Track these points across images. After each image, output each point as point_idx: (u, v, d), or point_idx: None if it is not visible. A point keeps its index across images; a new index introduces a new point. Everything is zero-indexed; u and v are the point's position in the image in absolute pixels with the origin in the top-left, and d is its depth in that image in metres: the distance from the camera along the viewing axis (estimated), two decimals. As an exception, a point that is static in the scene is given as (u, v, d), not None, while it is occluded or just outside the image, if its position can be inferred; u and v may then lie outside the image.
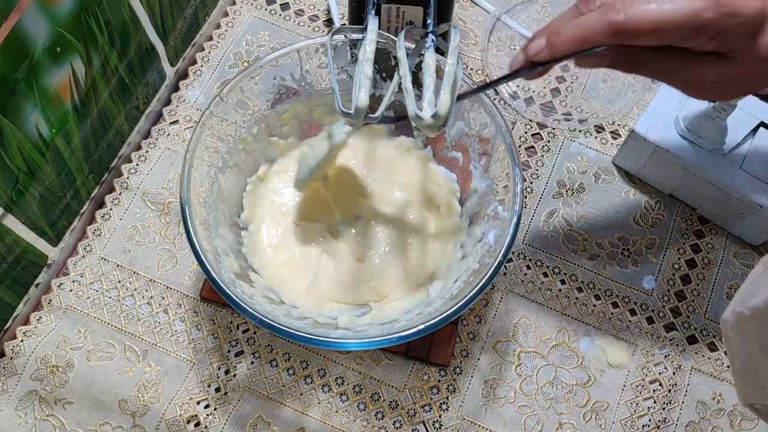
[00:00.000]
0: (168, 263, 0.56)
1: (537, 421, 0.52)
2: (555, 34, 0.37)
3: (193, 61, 0.65)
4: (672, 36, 0.35)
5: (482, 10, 0.67)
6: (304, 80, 0.52)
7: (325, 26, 0.67)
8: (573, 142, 0.62)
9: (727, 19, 0.34)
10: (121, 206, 0.58)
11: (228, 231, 0.50)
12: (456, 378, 0.53)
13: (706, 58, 0.36)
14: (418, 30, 0.46)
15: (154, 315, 0.54)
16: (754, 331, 0.32)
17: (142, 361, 0.53)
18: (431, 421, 0.52)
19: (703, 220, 0.58)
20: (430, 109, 0.40)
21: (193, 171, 0.46)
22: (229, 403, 0.52)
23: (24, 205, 0.49)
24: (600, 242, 0.58)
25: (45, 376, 0.52)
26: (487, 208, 0.50)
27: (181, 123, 0.62)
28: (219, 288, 0.43)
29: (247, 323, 0.54)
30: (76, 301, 0.55)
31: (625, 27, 0.34)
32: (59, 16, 0.45)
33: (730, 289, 0.56)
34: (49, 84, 0.46)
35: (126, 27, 0.53)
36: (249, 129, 0.52)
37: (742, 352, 0.33)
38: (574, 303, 0.56)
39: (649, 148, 0.56)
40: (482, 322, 0.55)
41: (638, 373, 0.53)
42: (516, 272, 0.56)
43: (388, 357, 0.53)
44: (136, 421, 0.51)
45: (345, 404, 0.52)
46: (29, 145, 0.47)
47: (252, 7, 0.67)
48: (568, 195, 0.59)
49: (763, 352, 0.31)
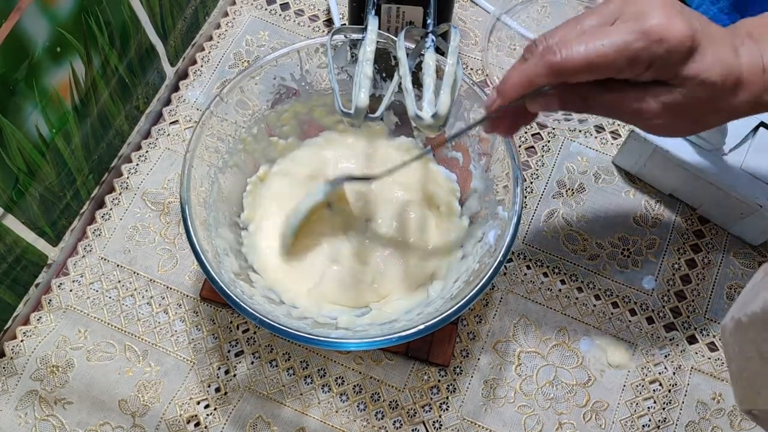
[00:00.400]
0: (168, 263, 0.56)
1: (537, 421, 0.52)
2: (503, 82, 0.39)
3: (193, 61, 0.65)
4: (608, 69, 0.36)
5: (482, 10, 0.67)
6: (304, 80, 0.52)
7: (325, 26, 0.67)
8: (573, 142, 0.62)
9: (656, 47, 0.35)
10: (121, 206, 0.58)
11: (228, 231, 0.50)
12: (456, 378, 0.53)
13: (650, 88, 0.37)
14: (418, 30, 0.46)
15: (154, 315, 0.54)
16: (751, 337, 0.32)
17: (142, 361, 0.53)
18: (431, 421, 0.52)
19: (703, 220, 0.59)
20: (430, 109, 0.41)
21: (193, 171, 0.46)
22: (229, 403, 0.52)
23: (24, 205, 0.49)
24: (600, 242, 0.58)
25: (45, 376, 0.52)
26: (487, 208, 0.50)
27: (181, 123, 0.62)
28: (219, 288, 0.43)
29: (247, 323, 0.54)
30: (76, 301, 0.55)
31: (562, 65, 0.36)
32: (59, 16, 0.45)
33: (730, 289, 0.56)
34: (49, 84, 0.47)
35: (126, 27, 0.53)
36: (249, 129, 0.52)
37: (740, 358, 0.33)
38: (574, 303, 0.56)
39: (649, 148, 0.56)
40: (482, 322, 0.55)
41: (638, 373, 0.53)
42: (516, 272, 0.56)
43: (388, 357, 0.53)
44: (136, 421, 0.51)
45: (345, 404, 0.52)
46: (29, 145, 0.47)
47: (252, 7, 0.67)
48: (568, 195, 0.59)
49: (760, 358, 0.31)
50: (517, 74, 0.38)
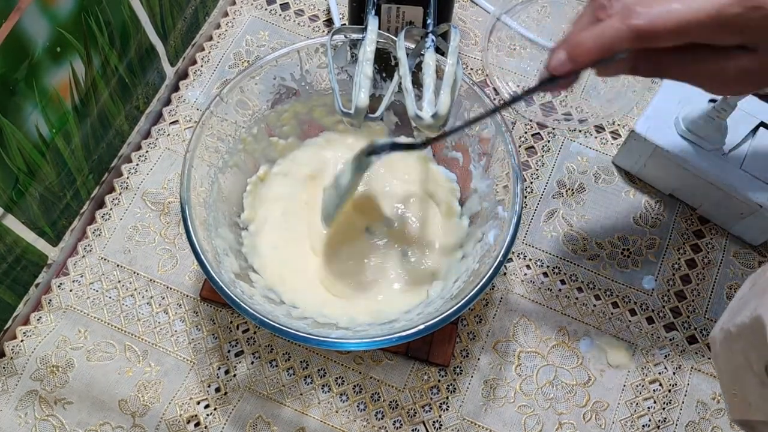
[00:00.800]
0: (168, 263, 0.56)
1: (537, 421, 0.52)
2: (576, 46, 0.36)
3: (193, 61, 0.65)
4: (697, 34, 0.34)
5: (482, 10, 0.67)
6: (304, 80, 0.52)
7: (325, 26, 0.67)
8: (573, 142, 0.62)
9: (752, 13, 0.33)
10: (121, 206, 0.58)
11: (228, 231, 0.50)
12: (456, 378, 0.53)
13: (730, 53, 0.36)
14: (418, 30, 0.46)
15: (154, 315, 0.54)
16: (740, 348, 0.32)
17: (142, 361, 0.53)
18: (431, 421, 0.52)
19: (703, 220, 0.58)
20: (430, 109, 0.41)
21: (193, 171, 0.46)
22: (229, 403, 0.52)
23: (24, 205, 0.49)
24: (600, 242, 0.58)
25: (45, 376, 0.52)
26: (487, 208, 0.50)
27: (181, 123, 0.62)
28: (219, 288, 0.43)
29: (247, 323, 0.54)
30: (76, 301, 0.55)
31: (649, 30, 0.34)
32: (59, 16, 0.45)
33: (730, 289, 0.56)
34: (49, 84, 0.47)
35: (126, 27, 0.53)
36: (249, 129, 0.52)
37: (730, 368, 0.33)
38: (574, 303, 0.56)
39: (649, 148, 0.56)
40: (482, 322, 0.55)
41: (638, 373, 0.53)
42: (516, 272, 0.56)
43: (388, 357, 0.53)
44: (136, 421, 0.51)
45: (345, 404, 0.52)
46: (29, 145, 0.47)
47: (252, 7, 0.67)
48: (568, 195, 0.59)
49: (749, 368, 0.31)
50: (592, 39, 0.35)
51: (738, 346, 0.32)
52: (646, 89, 0.63)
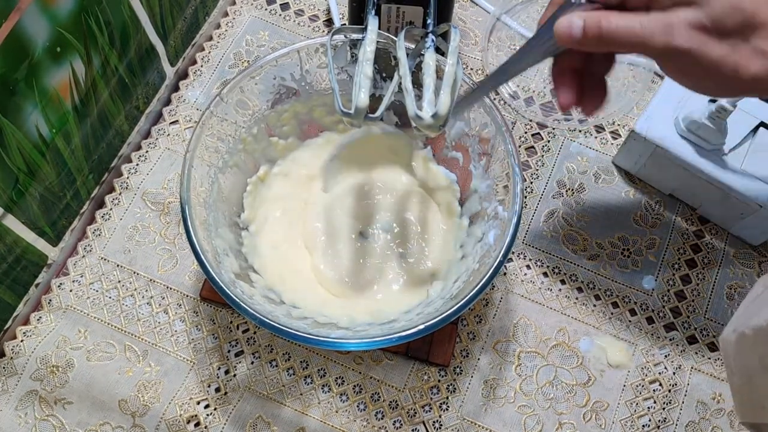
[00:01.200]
0: (168, 263, 0.56)
1: (537, 421, 0.52)
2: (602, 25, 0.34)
3: (193, 61, 0.65)
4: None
5: (482, 10, 0.67)
6: (304, 80, 0.52)
7: (325, 26, 0.67)
8: (573, 142, 0.62)
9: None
10: (121, 206, 0.58)
11: (228, 231, 0.50)
12: (456, 378, 0.53)
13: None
14: (418, 30, 0.46)
15: (154, 315, 0.54)
16: (756, 350, 0.32)
17: (142, 361, 0.53)
18: (431, 421, 0.52)
19: (703, 220, 0.58)
20: (430, 109, 0.40)
21: (193, 171, 0.46)
22: (229, 403, 0.52)
23: (24, 205, 0.49)
24: (600, 242, 0.58)
25: (45, 376, 0.52)
26: (487, 208, 0.50)
27: (181, 123, 0.62)
28: (219, 288, 0.43)
29: (247, 323, 0.54)
30: (76, 301, 0.55)
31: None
32: (59, 16, 0.45)
33: (730, 289, 0.56)
34: (49, 84, 0.46)
35: (126, 27, 0.53)
36: (249, 129, 0.52)
37: (743, 371, 0.33)
38: (574, 303, 0.56)
39: (649, 148, 0.56)
40: (482, 322, 0.55)
41: (638, 373, 0.53)
42: (516, 272, 0.56)
43: (388, 357, 0.53)
44: (136, 421, 0.51)
45: (345, 404, 0.52)
46: (29, 145, 0.47)
47: (252, 7, 0.67)
48: (568, 195, 0.59)
49: (764, 371, 0.31)
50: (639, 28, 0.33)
51: (753, 348, 0.32)
52: (646, 89, 0.63)
